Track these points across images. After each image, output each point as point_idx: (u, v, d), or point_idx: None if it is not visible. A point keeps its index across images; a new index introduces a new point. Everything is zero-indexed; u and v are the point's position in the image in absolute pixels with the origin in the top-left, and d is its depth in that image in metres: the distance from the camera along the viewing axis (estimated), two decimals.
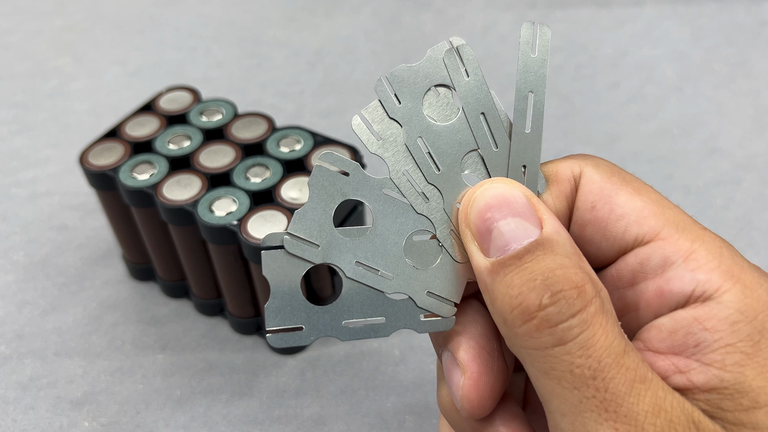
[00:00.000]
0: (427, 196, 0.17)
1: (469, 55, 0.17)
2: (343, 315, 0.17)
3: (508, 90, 0.48)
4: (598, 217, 0.17)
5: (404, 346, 0.31)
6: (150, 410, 0.29)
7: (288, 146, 0.30)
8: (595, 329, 0.15)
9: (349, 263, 0.17)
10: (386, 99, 0.17)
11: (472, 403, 0.17)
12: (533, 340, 0.15)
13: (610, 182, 0.17)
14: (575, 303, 0.15)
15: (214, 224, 0.26)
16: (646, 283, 0.17)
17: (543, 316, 0.15)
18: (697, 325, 0.16)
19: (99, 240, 0.37)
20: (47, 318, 0.33)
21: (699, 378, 0.15)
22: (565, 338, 0.15)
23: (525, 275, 0.15)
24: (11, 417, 0.29)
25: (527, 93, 0.17)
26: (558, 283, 0.15)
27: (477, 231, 0.17)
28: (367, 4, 0.59)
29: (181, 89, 0.34)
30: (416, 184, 0.17)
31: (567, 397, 0.15)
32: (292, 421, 0.28)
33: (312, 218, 0.17)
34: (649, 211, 0.17)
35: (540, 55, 0.17)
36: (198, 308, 0.33)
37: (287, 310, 0.17)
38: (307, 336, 0.17)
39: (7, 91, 0.49)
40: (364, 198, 0.17)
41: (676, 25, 0.55)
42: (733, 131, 0.44)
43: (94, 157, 0.29)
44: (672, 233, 0.17)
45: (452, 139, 0.17)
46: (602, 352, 0.15)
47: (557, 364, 0.15)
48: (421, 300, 0.17)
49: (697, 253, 0.16)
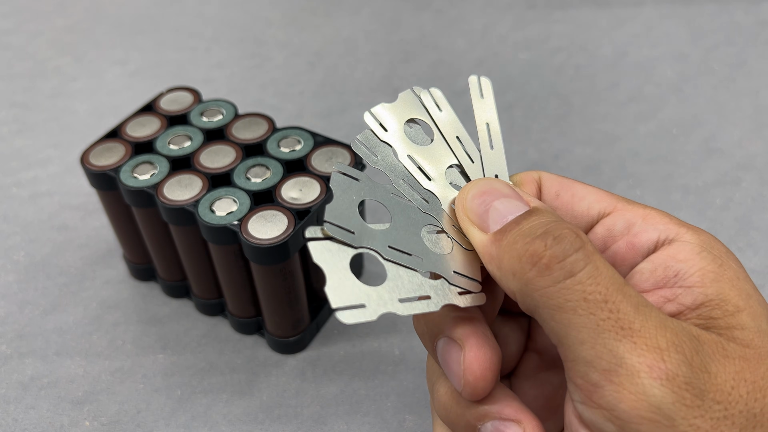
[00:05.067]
0: (426, 200, 0.20)
1: (439, 95, 0.22)
2: (396, 293, 0.19)
3: (508, 90, 0.48)
4: (564, 202, 0.21)
5: (404, 345, 0.31)
6: (150, 410, 0.29)
7: (288, 146, 0.30)
8: (598, 262, 0.17)
9: (383, 247, 0.19)
10: (375, 128, 0.21)
11: (474, 374, 0.19)
12: (545, 278, 0.17)
13: (564, 179, 0.22)
14: (576, 241, 0.17)
15: (215, 224, 0.26)
16: (617, 245, 0.20)
17: (551, 254, 0.17)
18: (671, 260, 0.19)
19: (100, 240, 0.37)
20: (48, 318, 0.33)
21: (687, 299, 0.18)
22: (574, 269, 0.17)
23: (526, 232, 0.18)
24: (12, 416, 0.29)
25: (484, 123, 0.22)
26: (557, 230, 0.18)
27: (475, 214, 0.19)
28: (367, 4, 0.59)
29: (182, 90, 0.34)
30: (416, 191, 0.20)
31: (584, 324, 0.16)
32: (292, 421, 0.28)
33: (341, 210, 0.19)
34: (602, 194, 0.21)
35: (486, 97, 0.22)
36: (198, 308, 0.33)
37: (346, 290, 0.19)
38: (372, 312, 0.19)
39: (8, 91, 0.49)
40: (378, 199, 0.20)
41: (676, 26, 0.55)
42: (732, 131, 0.44)
43: (95, 157, 0.29)
44: (626, 205, 0.20)
45: (434, 156, 0.21)
46: (608, 281, 0.17)
47: (571, 295, 0.17)
48: (451, 278, 0.19)
49: (652, 215, 0.20)
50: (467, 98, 0.48)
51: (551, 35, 0.54)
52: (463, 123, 0.22)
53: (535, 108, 0.46)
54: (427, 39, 0.54)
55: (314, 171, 0.29)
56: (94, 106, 0.48)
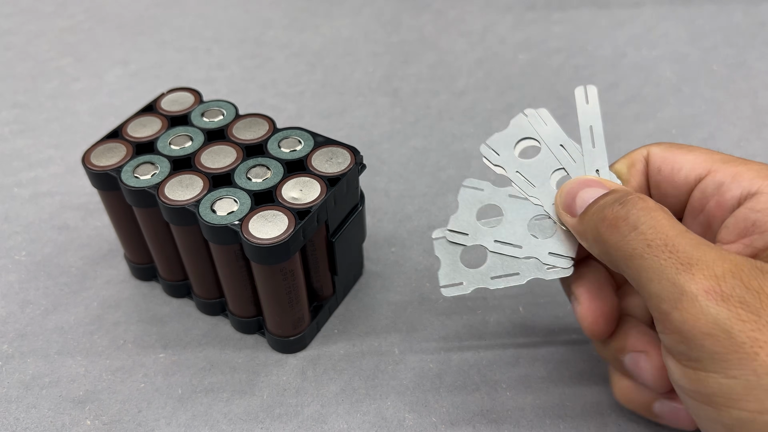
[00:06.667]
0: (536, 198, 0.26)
1: (545, 113, 0.27)
2: (490, 273, 0.25)
3: (507, 91, 0.48)
4: (665, 175, 0.25)
5: (404, 345, 0.31)
6: (151, 409, 0.29)
7: (289, 147, 0.30)
8: (657, 216, 0.21)
9: (490, 242, 0.25)
10: (489, 155, 0.26)
11: (588, 322, 0.24)
12: (615, 235, 0.21)
13: (669, 150, 0.25)
14: (638, 202, 0.21)
15: (216, 224, 0.26)
16: (709, 205, 0.23)
17: (616, 215, 0.21)
18: (750, 212, 0.22)
19: (101, 240, 0.37)
20: (49, 317, 0.33)
21: (759, 242, 0.21)
22: (637, 223, 0.21)
23: (601, 206, 0.22)
24: (13, 416, 0.29)
25: (588, 126, 0.26)
26: (623, 197, 0.22)
27: (566, 205, 0.24)
28: (367, 5, 0.59)
29: (183, 90, 0.34)
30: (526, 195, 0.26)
31: (650, 265, 0.20)
32: (292, 419, 0.29)
33: (462, 219, 0.26)
34: (700, 159, 0.24)
35: (591, 103, 0.26)
36: (199, 307, 0.33)
37: (452, 273, 0.25)
38: (467, 287, 0.25)
39: (9, 92, 0.49)
40: (496, 201, 0.26)
41: (675, 26, 0.55)
42: (731, 132, 0.44)
43: (97, 157, 0.29)
44: (720, 167, 0.23)
45: (540, 166, 0.26)
46: (668, 230, 0.20)
47: (637, 244, 0.20)
48: (544, 258, 0.25)
49: (741, 172, 0.23)
50: (467, 98, 0.48)
51: (550, 36, 0.54)
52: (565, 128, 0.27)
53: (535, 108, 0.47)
54: (427, 40, 0.54)
55: (315, 171, 0.29)
56: (96, 107, 0.48)
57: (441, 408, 0.29)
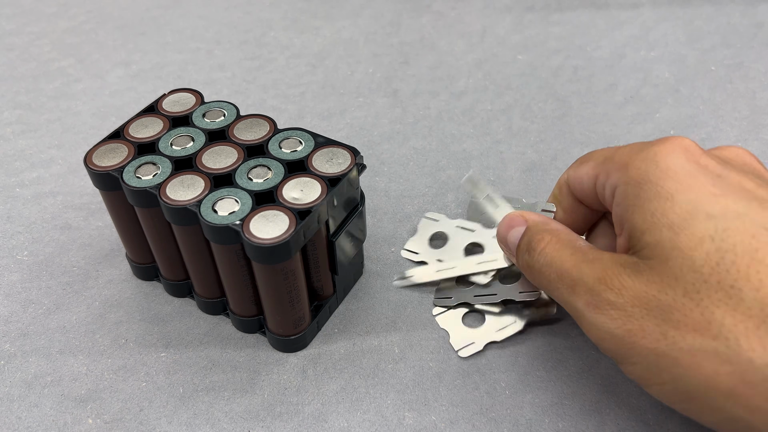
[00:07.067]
0: None
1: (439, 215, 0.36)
2: (493, 327, 0.31)
3: (506, 91, 0.49)
4: (579, 191, 0.28)
5: (404, 344, 0.32)
6: (153, 407, 0.29)
7: (290, 147, 0.30)
8: (550, 252, 0.26)
9: (472, 298, 0.32)
10: (410, 256, 0.35)
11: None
12: (534, 279, 0.27)
13: (573, 168, 0.28)
14: (538, 244, 0.26)
15: (217, 224, 0.26)
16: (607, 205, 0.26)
17: (526, 263, 0.27)
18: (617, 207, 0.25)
19: (103, 240, 0.37)
20: (51, 316, 0.33)
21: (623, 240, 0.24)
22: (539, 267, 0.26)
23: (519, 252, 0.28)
24: (16, 414, 0.29)
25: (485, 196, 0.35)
26: (528, 242, 0.27)
27: (505, 247, 0.30)
28: (367, 6, 0.59)
29: (185, 91, 0.34)
30: None
31: (558, 296, 0.25)
32: (293, 418, 0.29)
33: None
34: (589, 167, 0.27)
35: (480, 186, 0.35)
36: (201, 307, 0.33)
37: (459, 337, 0.31)
38: (479, 345, 0.31)
39: (11, 92, 0.50)
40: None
41: (673, 27, 0.55)
42: (729, 132, 0.44)
43: (99, 157, 0.30)
44: (600, 168, 0.26)
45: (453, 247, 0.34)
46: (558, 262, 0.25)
47: (546, 283, 0.26)
48: (517, 297, 0.31)
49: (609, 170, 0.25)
50: (467, 99, 0.49)
51: (549, 37, 0.55)
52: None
53: (534, 109, 0.47)
54: (427, 41, 0.55)
55: (315, 171, 0.29)
56: (97, 107, 0.48)
57: (441, 407, 0.29)
